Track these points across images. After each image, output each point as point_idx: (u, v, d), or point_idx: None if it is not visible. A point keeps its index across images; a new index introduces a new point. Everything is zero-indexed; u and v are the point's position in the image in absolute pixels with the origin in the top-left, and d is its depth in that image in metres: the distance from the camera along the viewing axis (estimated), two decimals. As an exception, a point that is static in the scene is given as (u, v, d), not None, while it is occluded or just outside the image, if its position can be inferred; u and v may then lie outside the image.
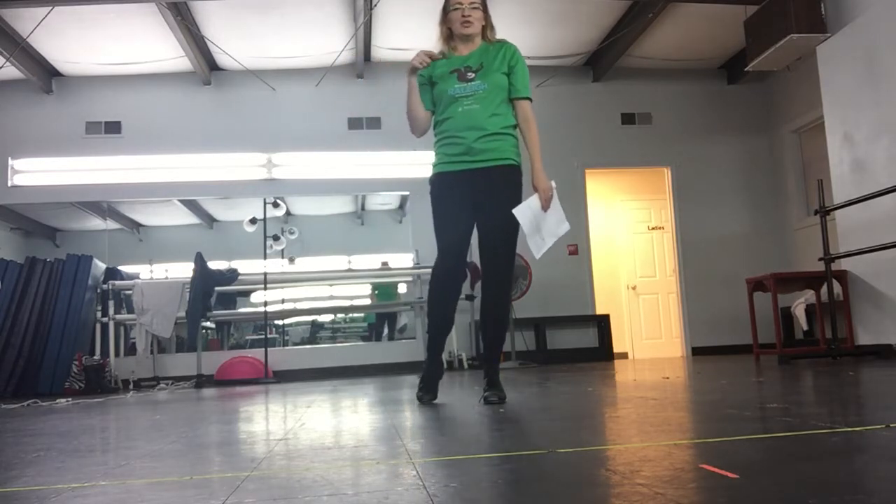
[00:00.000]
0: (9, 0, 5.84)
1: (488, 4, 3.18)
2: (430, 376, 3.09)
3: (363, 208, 8.77)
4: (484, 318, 3.04)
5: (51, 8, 5.98)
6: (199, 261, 6.67)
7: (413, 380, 5.41)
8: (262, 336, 7.85)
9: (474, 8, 3.11)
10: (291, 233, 7.45)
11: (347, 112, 7.70)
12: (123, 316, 6.76)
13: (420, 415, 2.65)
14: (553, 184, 2.96)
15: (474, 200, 2.95)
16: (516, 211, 2.87)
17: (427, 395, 3.06)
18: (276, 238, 7.04)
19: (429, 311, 3.06)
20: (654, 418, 2.11)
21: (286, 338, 8.60)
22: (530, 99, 3.08)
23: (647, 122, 8.13)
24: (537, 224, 2.90)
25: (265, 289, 6.91)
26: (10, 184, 7.27)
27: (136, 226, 8.33)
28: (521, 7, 6.69)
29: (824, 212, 5.45)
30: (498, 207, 2.90)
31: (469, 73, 3.02)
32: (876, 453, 1.36)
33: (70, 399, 5.01)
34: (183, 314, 6.59)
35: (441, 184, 3.05)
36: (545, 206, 2.92)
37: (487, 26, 3.15)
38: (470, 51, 3.11)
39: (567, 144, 7.92)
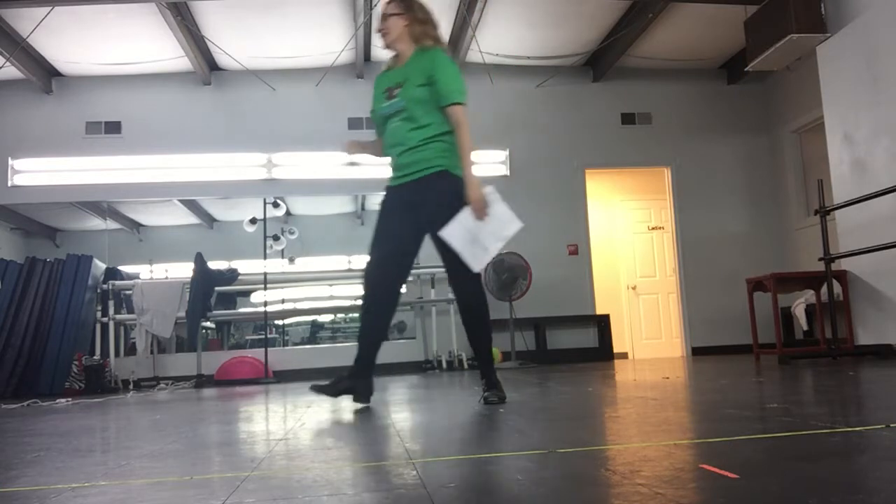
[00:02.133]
0: (9, 0, 5.84)
1: (414, 5, 3.03)
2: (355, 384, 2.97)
3: (363, 208, 8.77)
4: (464, 323, 3.08)
5: (51, 8, 5.98)
6: (199, 261, 6.66)
7: (413, 380, 5.41)
8: (262, 336, 7.85)
9: (389, 16, 3.02)
10: (291, 233, 7.45)
11: (347, 112, 7.70)
12: (123, 316, 6.76)
13: (420, 415, 2.65)
14: (489, 189, 2.87)
15: (415, 216, 2.94)
16: (444, 232, 2.81)
17: (332, 390, 2.96)
18: (276, 238, 7.04)
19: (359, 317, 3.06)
20: (654, 418, 2.11)
21: (286, 338, 8.60)
22: (459, 103, 2.89)
23: (647, 122, 8.13)
24: (474, 236, 2.83)
25: (265, 289, 6.90)
26: (10, 184, 7.27)
27: (136, 226, 8.33)
28: (521, 7, 6.69)
29: (824, 212, 5.45)
30: (429, 217, 2.88)
31: (394, 91, 2.98)
32: (876, 453, 1.36)
33: (70, 399, 5.01)
34: (183, 314, 6.59)
35: (382, 199, 3.08)
36: (480, 216, 2.82)
37: (415, 32, 3.00)
38: (402, 64, 3.04)
39: (567, 144, 7.92)
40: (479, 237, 2.82)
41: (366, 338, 3.00)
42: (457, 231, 2.82)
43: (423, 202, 2.90)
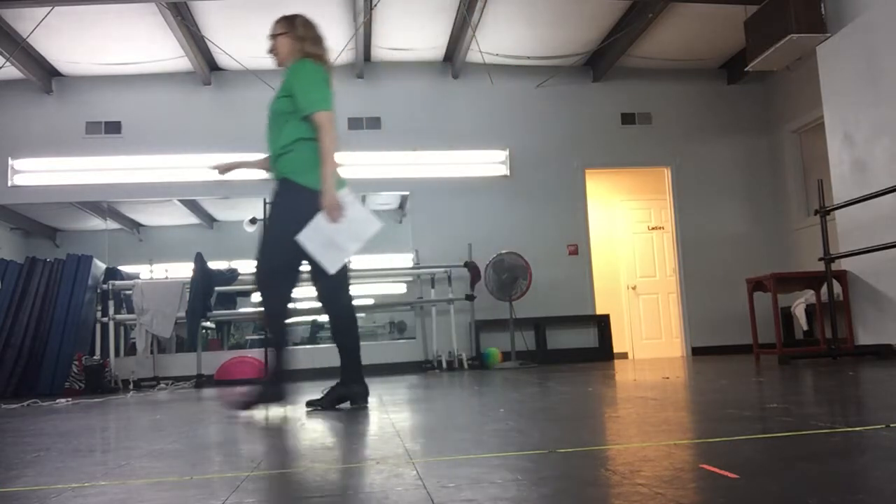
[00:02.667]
0: (9, 0, 5.84)
1: (296, 23, 3.21)
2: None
3: (363, 208, 8.76)
4: (335, 333, 3.24)
5: (51, 8, 5.98)
6: (199, 261, 6.66)
7: (414, 379, 5.41)
8: (262, 336, 7.84)
9: (275, 36, 3.20)
10: (291, 233, 7.43)
11: (347, 112, 7.70)
12: (123, 316, 6.76)
13: (420, 415, 2.65)
14: (345, 192, 2.96)
15: None
16: (300, 237, 2.90)
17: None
18: (276, 238, 7.03)
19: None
20: (654, 418, 2.11)
21: (286, 338, 8.58)
22: (320, 111, 2.99)
23: (647, 122, 8.13)
24: (330, 239, 2.92)
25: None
26: (10, 184, 7.27)
27: (136, 226, 8.32)
28: (521, 7, 6.69)
29: (824, 212, 5.45)
30: (269, 222, 3.03)
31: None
32: (876, 453, 1.36)
33: (70, 399, 5.01)
34: (183, 314, 6.58)
35: None
36: (332, 219, 2.91)
37: (295, 49, 3.15)
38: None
39: (567, 144, 7.93)
40: (335, 240, 2.92)
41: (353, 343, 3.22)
42: (311, 235, 2.91)
43: (271, 208, 3.06)
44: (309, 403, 3.13)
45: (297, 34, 3.16)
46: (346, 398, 3.12)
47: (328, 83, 3.08)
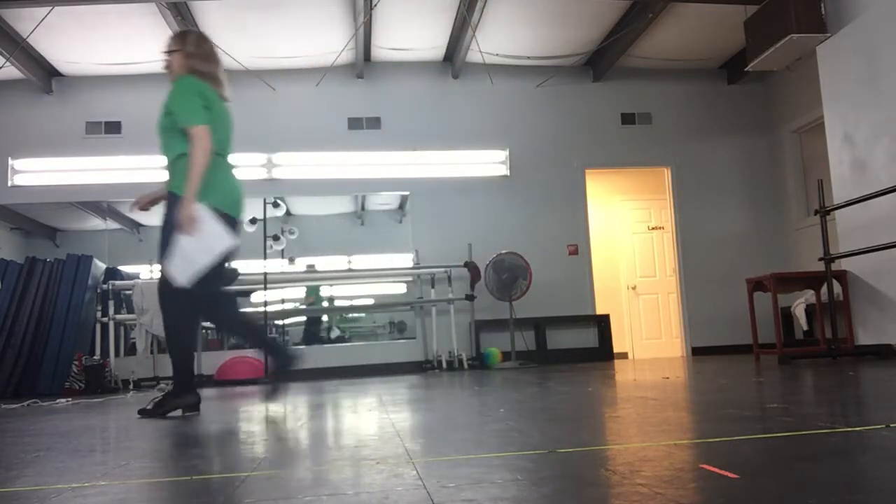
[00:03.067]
0: (9, 0, 5.84)
1: (186, 39, 3.27)
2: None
3: (363, 208, 8.77)
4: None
5: (51, 8, 5.98)
6: (199, 261, 6.65)
7: (414, 379, 5.41)
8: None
9: (169, 52, 3.26)
10: (291, 233, 7.45)
11: (347, 112, 7.70)
12: (123, 316, 6.76)
13: (420, 415, 2.65)
14: (200, 207, 3.02)
15: None
16: (173, 246, 3.03)
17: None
18: (276, 238, 7.04)
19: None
20: (654, 418, 2.11)
21: (286, 338, 8.60)
22: (193, 125, 3.08)
23: (647, 122, 8.13)
24: (183, 250, 3.03)
25: (265, 289, 6.90)
26: (10, 184, 7.27)
27: (136, 226, 8.32)
28: (521, 7, 6.69)
29: (824, 212, 5.45)
30: (163, 234, 3.14)
31: None
32: (876, 453, 1.36)
33: (70, 399, 5.01)
34: (183, 314, 6.57)
35: None
36: (185, 231, 3.00)
37: (183, 66, 3.23)
38: None
39: (567, 144, 7.93)
40: (186, 251, 3.01)
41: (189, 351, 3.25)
42: (175, 248, 3.04)
43: (163, 221, 3.17)
44: (140, 412, 3.22)
45: (186, 51, 3.22)
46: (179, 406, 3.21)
47: (205, 97, 3.16)
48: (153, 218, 9.13)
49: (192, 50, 3.23)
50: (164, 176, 3.25)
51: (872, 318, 5.52)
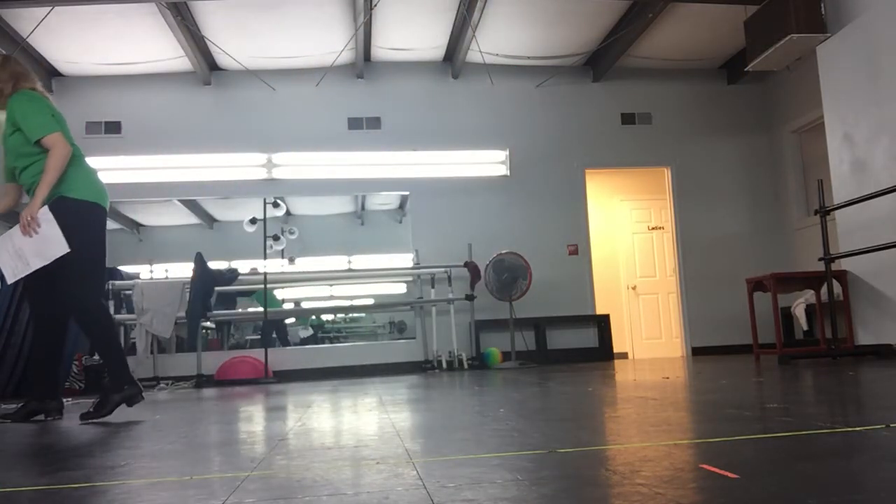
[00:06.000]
0: (9, 0, 5.84)
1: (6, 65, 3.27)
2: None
3: (363, 208, 8.78)
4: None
5: (51, 8, 5.98)
6: (199, 261, 6.66)
7: (414, 379, 5.41)
8: (262, 336, 7.84)
9: None
10: (291, 233, 7.45)
11: (347, 112, 7.70)
12: (123, 316, 6.76)
13: (420, 415, 2.65)
14: (43, 210, 3.05)
15: None
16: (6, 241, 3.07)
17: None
18: (276, 238, 7.04)
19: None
20: (654, 418, 2.11)
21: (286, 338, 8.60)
22: (48, 133, 3.10)
23: (647, 122, 8.13)
24: (18, 250, 3.05)
25: (265, 289, 6.90)
26: (10, 184, 7.26)
27: (136, 226, 8.33)
28: (521, 7, 6.69)
29: (824, 212, 5.45)
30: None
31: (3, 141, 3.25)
32: (876, 453, 1.36)
33: (70, 399, 5.01)
34: (183, 314, 6.59)
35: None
36: (24, 232, 3.02)
37: (10, 86, 3.22)
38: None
39: (567, 144, 7.93)
40: (23, 251, 3.04)
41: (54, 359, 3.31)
42: (4, 243, 3.06)
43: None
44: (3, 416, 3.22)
45: (13, 70, 3.24)
46: (38, 412, 3.22)
47: (49, 107, 3.21)
48: (153, 218, 9.15)
49: (16, 69, 3.27)
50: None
51: (872, 318, 5.52)
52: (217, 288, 6.88)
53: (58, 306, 3.21)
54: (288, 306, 8.73)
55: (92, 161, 8.08)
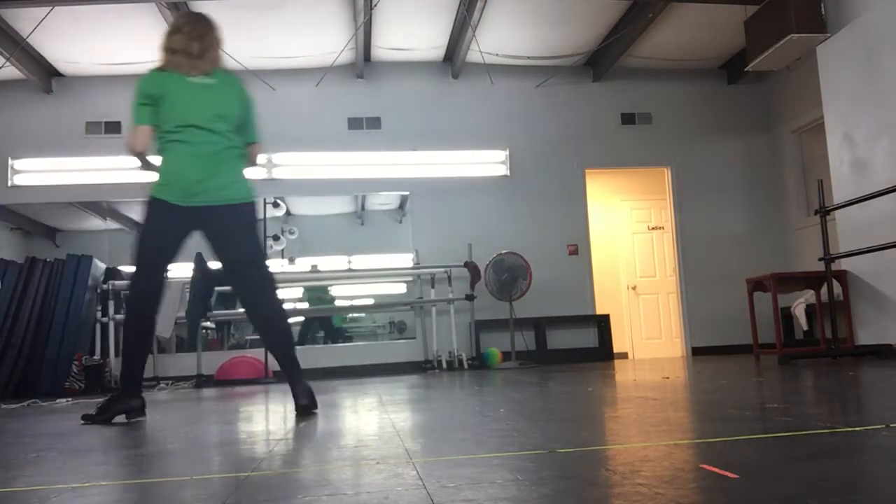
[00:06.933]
0: (9, 0, 5.84)
1: None
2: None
3: (363, 208, 8.77)
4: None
5: (51, 8, 5.98)
6: (199, 261, 6.65)
7: (414, 379, 5.41)
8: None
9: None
10: (291, 233, 7.45)
11: (347, 112, 7.70)
12: (123, 316, 6.75)
13: (420, 415, 2.65)
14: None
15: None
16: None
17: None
18: (276, 238, 7.04)
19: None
20: (654, 418, 2.11)
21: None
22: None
23: (647, 122, 8.13)
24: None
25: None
26: (10, 184, 7.27)
27: (137, 226, 8.31)
28: (520, 7, 6.69)
29: (824, 212, 5.45)
30: None
31: None
32: (876, 453, 1.36)
33: (70, 399, 5.01)
34: (183, 314, 6.58)
35: None
36: None
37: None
38: None
39: (567, 144, 7.93)
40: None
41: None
42: None
43: None
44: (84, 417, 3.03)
45: (164, 46, 3.27)
46: (121, 412, 3.05)
47: (145, 94, 3.22)
48: (153, 218, 9.00)
49: (164, 43, 3.26)
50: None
51: (872, 318, 5.52)
52: (217, 288, 6.87)
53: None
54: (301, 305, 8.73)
55: (92, 161, 8.04)
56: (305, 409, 2.91)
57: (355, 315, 9.01)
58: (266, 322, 3.03)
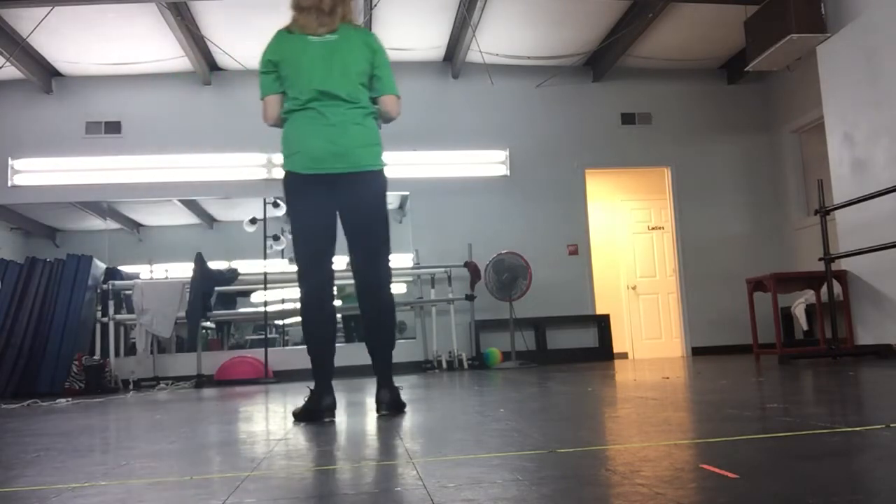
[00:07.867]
0: (9, 0, 5.84)
1: None
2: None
3: (363, 208, 8.75)
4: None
5: (51, 8, 5.98)
6: (199, 261, 6.66)
7: (414, 379, 5.41)
8: (262, 336, 7.84)
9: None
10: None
11: (347, 112, 7.69)
12: (123, 316, 6.76)
13: (420, 415, 2.65)
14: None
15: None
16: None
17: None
18: (276, 238, 7.04)
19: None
20: (654, 418, 2.11)
21: (286, 338, 8.60)
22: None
23: (647, 122, 8.13)
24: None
25: (265, 289, 6.90)
26: (10, 184, 7.27)
27: (136, 226, 8.32)
28: (520, 7, 6.69)
29: (824, 212, 5.45)
30: None
31: None
32: (876, 453, 1.36)
33: (70, 399, 5.01)
34: (183, 314, 6.58)
35: None
36: None
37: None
38: None
39: (567, 144, 7.93)
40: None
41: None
42: None
43: None
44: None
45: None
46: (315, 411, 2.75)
47: (266, 62, 3.01)
48: (153, 218, 9.15)
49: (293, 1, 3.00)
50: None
51: (872, 318, 5.52)
52: (217, 288, 6.88)
53: None
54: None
55: (92, 161, 8.04)
56: (384, 418, 2.65)
57: (355, 315, 9.00)
58: (371, 300, 2.89)
